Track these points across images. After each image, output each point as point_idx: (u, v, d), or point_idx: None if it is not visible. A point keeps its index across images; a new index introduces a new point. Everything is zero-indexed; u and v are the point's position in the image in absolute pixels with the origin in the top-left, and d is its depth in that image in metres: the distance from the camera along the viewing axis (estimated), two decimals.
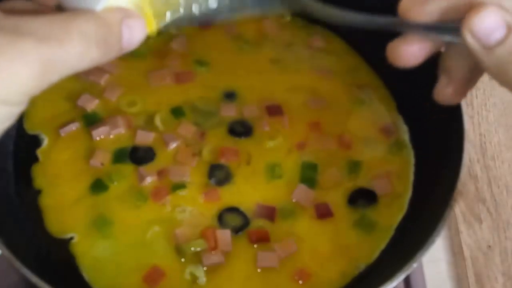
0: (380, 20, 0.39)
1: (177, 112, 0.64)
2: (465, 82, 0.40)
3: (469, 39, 0.31)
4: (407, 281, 0.66)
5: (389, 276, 0.51)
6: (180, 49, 0.68)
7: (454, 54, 0.38)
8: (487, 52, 0.31)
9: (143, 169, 0.60)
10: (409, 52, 0.38)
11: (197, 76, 0.66)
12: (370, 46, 0.63)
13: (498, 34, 0.30)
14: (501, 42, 0.30)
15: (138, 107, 0.64)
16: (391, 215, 0.60)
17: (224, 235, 0.57)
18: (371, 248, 0.58)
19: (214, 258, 0.56)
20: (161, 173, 0.60)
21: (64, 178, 0.60)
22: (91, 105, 0.64)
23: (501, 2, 0.31)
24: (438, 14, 0.35)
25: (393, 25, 0.39)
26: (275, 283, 0.56)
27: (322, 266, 0.57)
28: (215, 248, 0.56)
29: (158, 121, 0.63)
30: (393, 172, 0.63)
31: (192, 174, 0.60)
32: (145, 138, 0.62)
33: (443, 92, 0.40)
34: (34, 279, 0.49)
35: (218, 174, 0.61)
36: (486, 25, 0.30)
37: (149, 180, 0.60)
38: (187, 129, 0.63)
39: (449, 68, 0.39)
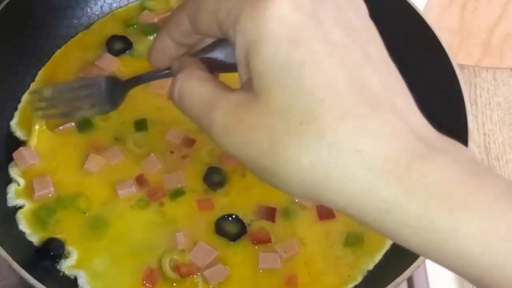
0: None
1: (139, 125, 0.62)
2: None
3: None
4: (410, 282, 0.65)
5: (392, 276, 0.51)
6: None
7: None
8: None
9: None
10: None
11: None
12: None
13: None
14: None
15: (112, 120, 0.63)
16: None
17: (198, 253, 0.56)
18: (371, 257, 0.58)
19: (215, 274, 0.55)
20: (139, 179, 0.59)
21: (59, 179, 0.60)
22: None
23: None
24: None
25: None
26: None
27: (315, 276, 0.56)
28: (203, 269, 0.55)
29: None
30: None
31: (188, 177, 0.60)
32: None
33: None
34: (32, 281, 0.49)
35: (215, 178, 0.60)
36: None
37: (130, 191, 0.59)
38: (175, 136, 0.62)
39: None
